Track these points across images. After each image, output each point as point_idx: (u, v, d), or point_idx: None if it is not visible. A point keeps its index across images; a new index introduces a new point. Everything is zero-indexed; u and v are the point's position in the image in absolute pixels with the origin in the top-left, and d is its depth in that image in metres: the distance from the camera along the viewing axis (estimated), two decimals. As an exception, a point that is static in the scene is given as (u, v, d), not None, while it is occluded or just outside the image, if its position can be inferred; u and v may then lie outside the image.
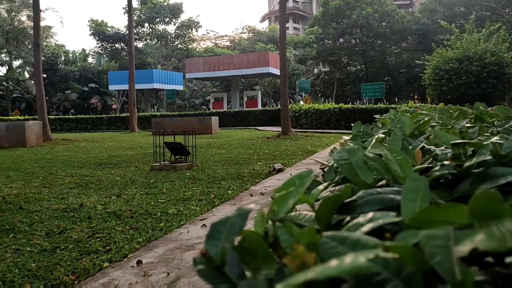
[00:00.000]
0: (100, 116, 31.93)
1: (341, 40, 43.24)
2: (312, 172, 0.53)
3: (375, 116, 2.53)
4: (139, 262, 2.79)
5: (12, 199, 4.59)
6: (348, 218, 0.54)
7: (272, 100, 53.24)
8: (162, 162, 7.35)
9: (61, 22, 68.96)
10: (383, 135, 1.15)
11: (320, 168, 1.08)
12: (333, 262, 0.29)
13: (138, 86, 29.32)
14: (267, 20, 77.71)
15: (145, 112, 35.57)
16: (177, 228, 3.61)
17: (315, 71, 56.22)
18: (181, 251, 3.01)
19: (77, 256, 2.92)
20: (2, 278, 2.53)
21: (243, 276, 0.37)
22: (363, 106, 20.00)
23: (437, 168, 0.70)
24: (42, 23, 21.37)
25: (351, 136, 1.36)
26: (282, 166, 6.82)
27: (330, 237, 0.38)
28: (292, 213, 0.60)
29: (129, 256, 2.93)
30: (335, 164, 0.85)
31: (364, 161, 0.66)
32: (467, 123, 1.49)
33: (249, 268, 0.39)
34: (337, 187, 0.70)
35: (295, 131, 16.53)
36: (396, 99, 34.50)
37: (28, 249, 3.04)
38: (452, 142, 0.80)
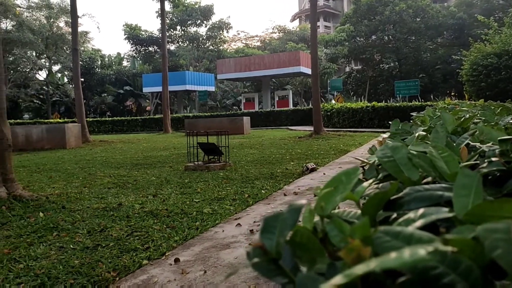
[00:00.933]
0: (135, 118, 32.75)
1: (373, 37, 42.48)
2: (359, 169, 0.54)
3: (411, 113, 2.48)
4: (176, 260, 2.85)
5: (55, 199, 4.79)
6: (395, 215, 0.54)
7: (303, 100, 52.95)
8: (196, 162, 7.46)
9: (97, 27, 71.26)
10: (424, 133, 1.13)
11: (361, 166, 1.08)
12: (393, 255, 0.30)
13: (171, 88, 29.83)
14: (298, 19, 77.36)
15: (178, 114, 36.17)
16: (212, 227, 3.65)
17: (347, 69, 55.50)
18: (217, 250, 3.05)
19: (118, 253, 3.00)
20: (47, 274, 2.64)
21: (297, 269, 0.38)
22: (397, 104, 19.58)
23: (484, 165, 0.69)
24: (79, 29, 22.12)
25: (389, 134, 1.34)
26: (315, 166, 6.78)
27: (384, 232, 0.38)
28: (336, 210, 0.61)
29: (166, 254, 3.00)
30: (376, 162, 0.85)
31: (408, 158, 0.66)
32: (511, 119, 1.44)
33: (301, 262, 0.40)
34: (380, 185, 0.70)
35: (327, 130, 16.39)
36: (432, 97, 33.57)
37: (71, 246, 3.16)
38: (499, 138, 0.78)
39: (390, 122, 1.94)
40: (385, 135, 1.38)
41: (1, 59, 4.59)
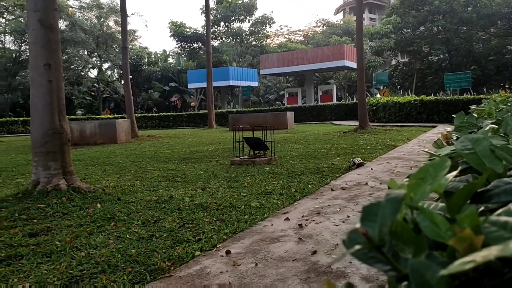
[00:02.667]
0: (180, 113, 33.51)
1: (421, 28, 40.95)
2: (447, 160, 0.53)
3: (470, 106, 2.39)
4: (228, 252, 2.90)
5: (111, 191, 5.01)
6: (482, 207, 0.53)
7: (347, 94, 52.05)
8: (242, 157, 7.54)
9: (145, 25, 73.48)
10: (495, 126, 1.09)
11: (429, 160, 1.06)
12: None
13: (215, 84, 30.23)
14: (342, 12, 75.97)
15: (222, 109, 36.65)
16: (261, 221, 3.69)
17: (393, 62, 53.97)
18: (267, 243, 3.08)
19: (171, 244, 3.10)
20: (107, 262, 2.77)
21: (397, 257, 0.39)
22: (448, 97, 18.80)
23: None
24: (128, 27, 22.89)
25: (454, 127, 1.30)
26: (362, 161, 6.67)
27: (490, 222, 0.38)
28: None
29: (218, 246, 3.06)
30: (450, 155, 0.83)
31: (491, 150, 0.64)
32: None
33: (397, 250, 0.41)
34: (459, 178, 0.69)
35: (373, 125, 16.04)
36: (485, 89, 31.95)
37: (127, 236, 3.30)
38: None
39: (438, 117, 1.88)
40: (449, 128, 1.34)
41: (60, 58, 4.84)
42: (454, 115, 1.66)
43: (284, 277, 2.46)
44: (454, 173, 0.57)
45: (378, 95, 33.89)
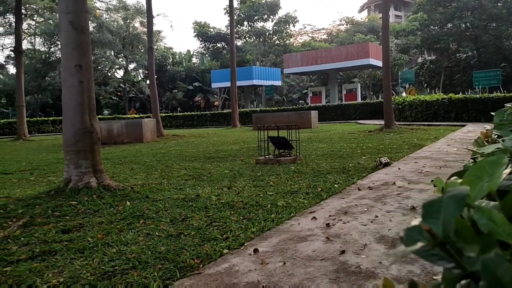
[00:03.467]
0: (204, 113, 33.80)
1: (449, 25, 40.01)
2: (504, 157, 0.52)
3: (506, 104, 2.32)
4: (255, 251, 2.91)
5: (139, 189, 5.10)
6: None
7: (372, 93, 51.37)
8: (267, 156, 7.55)
9: (170, 26, 74.29)
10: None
11: (471, 158, 1.04)
12: None
13: (238, 83, 30.35)
14: (366, 9, 74.97)
15: (245, 108, 36.74)
16: (287, 220, 3.69)
17: (419, 60, 52.94)
18: (294, 242, 3.08)
19: (199, 242, 3.13)
20: (137, 258, 2.82)
21: (460, 254, 0.39)
22: (477, 95, 18.30)
23: None
24: (153, 28, 23.18)
25: (494, 125, 1.27)
26: (389, 160, 6.58)
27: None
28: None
29: (245, 244, 3.07)
30: (494, 153, 0.81)
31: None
32: None
33: (461, 248, 0.40)
34: (508, 176, 0.67)
35: (399, 124, 15.78)
36: (516, 87, 30.96)
37: (156, 233, 3.35)
38: None
39: (467, 115, 1.83)
40: (488, 127, 1.31)
41: (91, 59, 4.96)
42: (483, 114, 1.61)
43: (313, 277, 2.45)
44: (508, 170, 0.56)
45: (404, 94, 33.30)
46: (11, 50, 38.56)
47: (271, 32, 51.93)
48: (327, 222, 3.52)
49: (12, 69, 47.67)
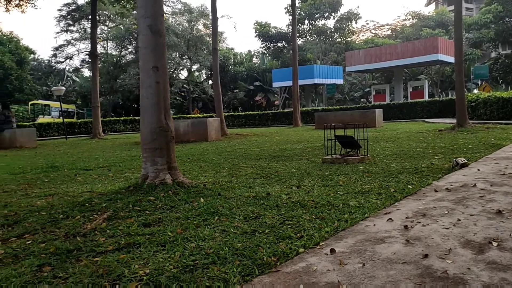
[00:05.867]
0: (266, 112, 34.07)
1: (527, 16, 37.10)
2: None
3: None
4: (332, 251, 2.87)
5: (211, 186, 5.24)
6: None
7: (440, 90, 48.95)
8: (334, 155, 7.44)
9: (234, 27, 75.91)
10: None
11: None
12: None
13: (299, 82, 30.25)
14: (434, 3, 71.48)
15: (306, 107, 36.51)
16: (362, 220, 3.61)
17: (492, 55, 49.54)
18: (372, 244, 3.00)
19: (274, 240, 3.15)
20: (216, 254, 2.89)
21: None
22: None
23: None
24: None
25: None
26: (466, 161, 6.21)
27: None
28: None
29: (320, 244, 3.04)
30: None
31: None
32: None
33: None
34: None
35: (473, 123, 14.88)
36: None
37: (232, 230, 3.41)
38: None
39: None
40: None
41: (166, 61, 5.17)
42: None
43: (396, 280, 2.37)
44: None
45: (476, 90, 31.37)
46: (86, 54, 41.37)
47: (332, 30, 51.19)
48: (404, 224, 3.40)
49: (86, 72, 51.12)
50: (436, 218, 3.53)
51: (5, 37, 47.67)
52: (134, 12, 30.18)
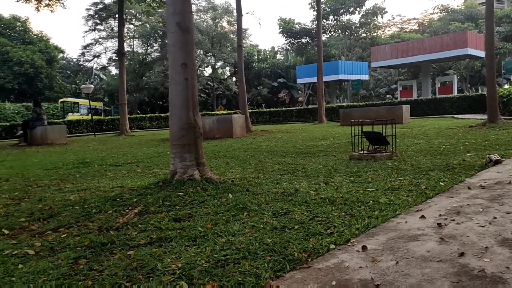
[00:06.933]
0: (290, 108, 33.94)
1: None
2: None
3: None
4: (364, 248, 2.84)
5: (238, 182, 5.26)
6: None
7: (469, 85, 47.69)
8: (361, 152, 7.35)
9: (259, 23, 76.19)
10: None
11: None
12: None
13: (324, 78, 30.01)
14: (463, -5, 69.47)
15: (330, 104, 36.18)
16: (393, 217, 3.55)
17: (526, 48, 47.87)
18: (404, 241, 2.95)
19: (304, 236, 3.13)
20: (247, 249, 2.90)
21: None
22: None
23: None
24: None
25: None
26: (499, 158, 6.03)
27: None
28: None
29: (351, 240, 3.01)
30: None
31: None
32: None
33: None
34: None
35: (504, 119, 14.42)
36: None
37: (261, 226, 3.42)
38: None
39: None
40: None
41: (194, 58, 5.20)
42: None
43: (431, 278, 2.32)
44: None
45: (507, 86, 30.37)
46: (113, 52, 42.13)
47: (357, 25, 50.53)
48: (438, 221, 3.33)
49: (113, 70, 52.10)
50: (471, 216, 3.44)
51: (35, 36, 49.14)
52: (159, 10, 30.53)
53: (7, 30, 48.18)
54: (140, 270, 2.62)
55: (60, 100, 42.00)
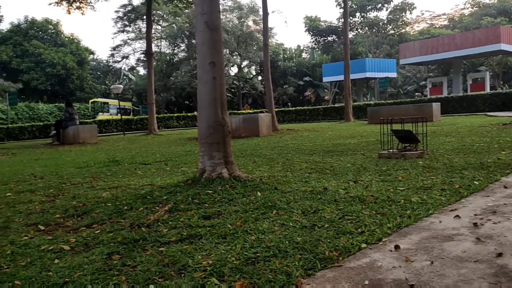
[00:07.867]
0: (316, 107, 33.69)
1: None
2: None
3: None
4: (396, 247, 2.78)
5: (267, 181, 5.26)
6: None
7: (502, 82, 46.12)
8: (390, 150, 7.22)
9: (285, 22, 76.28)
10: None
11: None
12: None
13: (351, 76, 29.64)
14: (496, -11, 67.24)
15: (357, 102, 35.73)
16: (425, 217, 3.47)
17: None
18: (439, 241, 2.88)
19: (334, 234, 3.10)
20: (277, 247, 2.88)
21: None
22: None
23: None
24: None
25: None
26: (537, 156, 5.80)
27: None
28: None
29: (383, 240, 2.96)
30: None
31: None
32: None
33: None
34: None
35: (542, 116, 13.87)
36: None
37: (290, 224, 3.40)
38: None
39: None
40: None
41: (222, 57, 5.23)
42: None
43: (468, 279, 2.26)
44: None
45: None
46: (142, 53, 42.88)
47: (385, 22, 49.68)
48: (473, 221, 3.23)
49: (142, 71, 53.02)
50: (508, 216, 3.32)
51: (66, 38, 50.62)
52: (186, 11, 30.84)
53: (40, 32, 49.84)
54: (172, 266, 2.66)
55: (90, 101, 43.11)
